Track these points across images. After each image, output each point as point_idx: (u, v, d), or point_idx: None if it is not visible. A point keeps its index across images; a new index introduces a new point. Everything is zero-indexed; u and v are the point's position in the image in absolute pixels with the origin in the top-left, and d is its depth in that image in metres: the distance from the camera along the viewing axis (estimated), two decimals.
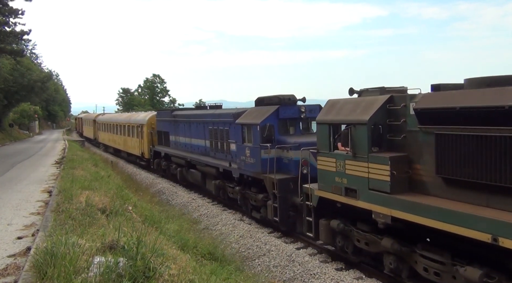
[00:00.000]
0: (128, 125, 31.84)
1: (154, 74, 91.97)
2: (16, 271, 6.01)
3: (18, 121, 63.41)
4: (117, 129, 35.62)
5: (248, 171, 14.12)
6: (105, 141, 41.96)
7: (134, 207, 12.12)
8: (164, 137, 24.37)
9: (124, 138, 33.21)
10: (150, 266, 5.14)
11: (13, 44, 42.38)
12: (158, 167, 25.41)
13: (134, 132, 29.91)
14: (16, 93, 47.18)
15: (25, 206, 11.14)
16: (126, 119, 33.50)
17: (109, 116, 44.36)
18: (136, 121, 29.84)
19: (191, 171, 20.11)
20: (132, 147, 30.96)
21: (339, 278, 9.52)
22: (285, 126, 14.07)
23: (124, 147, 33.86)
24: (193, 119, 20.34)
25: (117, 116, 40.47)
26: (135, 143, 29.89)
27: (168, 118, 23.67)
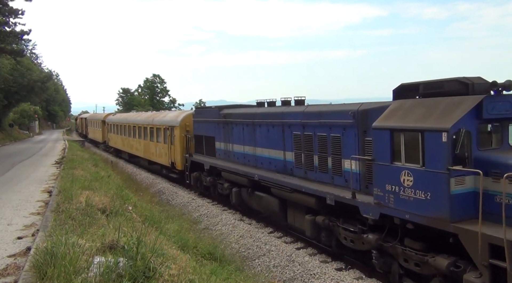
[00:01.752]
0: (151, 127, 25.87)
1: (154, 74, 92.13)
2: (16, 271, 6.01)
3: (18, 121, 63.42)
4: (135, 132, 29.78)
5: (409, 213, 8.14)
6: (118, 145, 35.90)
7: (134, 207, 12.13)
8: (206, 143, 18.48)
9: (145, 143, 27.26)
10: (150, 266, 5.14)
11: (13, 44, 42.36)
12: (197, 183, 19.53)
13: (161, 136, 24.00)
14: (16, 93, 47.17)
15: (25, 206, 11.14)
16: (147, 119, 27.52)
17: (123, 116, 37.82)
18: (163, 122, 23.88)
19: (258, 195, 14.10)
20: (157, 155, 24.82)
21: (339, 278, 9.52)
22: (487, 134, 8.26)
23: (144, 153, 27.72)
24: (261, 120, 14.21)
25: (134, 116, 33.20)
26: (162, 150, 23.77)
27: (213, 118, 17.61)
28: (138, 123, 29.44)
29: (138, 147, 29.12)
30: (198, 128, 19.44)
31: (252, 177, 14.00)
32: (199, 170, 18.98)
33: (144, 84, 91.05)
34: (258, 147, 14.39)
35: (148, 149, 26.83)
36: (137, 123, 29.75)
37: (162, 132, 23.75)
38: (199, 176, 19.04)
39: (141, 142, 28.28)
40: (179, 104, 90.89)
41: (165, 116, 24.87)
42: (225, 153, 16.74)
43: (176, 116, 22.77)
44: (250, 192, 14.53)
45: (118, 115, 40.54)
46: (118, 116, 39.74)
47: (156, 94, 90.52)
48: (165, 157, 23.20)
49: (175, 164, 21.81)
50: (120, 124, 34.88)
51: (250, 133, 14.84)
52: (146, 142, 27.04)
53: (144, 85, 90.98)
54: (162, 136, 23.81)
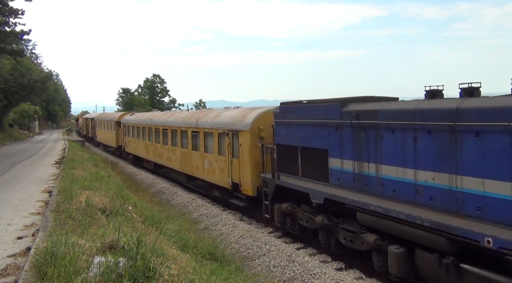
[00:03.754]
0: (195, 131, 18.91)
1: (154, 74, 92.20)
2: (16, 271, 6.01)
3: (18, 121, 63.47)
4: (166, 137, 23.12)
5: None
6: (139, 152, 29.05)
7: (134, 207, 12.14)
8: (307, 159, 11.75)
9: (184, 153, 20.41)
10: (150, 266, 5.14)
11: (13, 44, 42.43)
12: (286, 221, 12.51)
13: (213, 144, 17.08)
14: (16, 93, 47.21)
15: (25, 206, 11.15)
16: (187, 120, 20.28)
17: (145, 116, 29.89)
18: (218, 124, 16.81)
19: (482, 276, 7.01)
20: (205, 170, 17.78)
21: (339, 278, 9.51)
22: None
23: (182, 166, 20.81)
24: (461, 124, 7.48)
25: (164, 115, 26.00)
26: (215, 165, 16.82)
27: (324, 119, 10.98)
28: (171, 125, 22.29)
29: (172, 157, 22.15)
30: (287, 134, 12.42)
31: (472, 240, 6.90)
32: (291, 200, 12.17)
33: (144, 84, 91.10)
34: (459, 173, 7.56)
35: (188, 160, 19.79)
36: (169, 125, 22.70)
37: (215, 139, 16.74)
38: (292, 211, 12.09)
39: (177, 151, 21.21)
40: (179, 104, 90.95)
41: (219, 116, 17.41)
42: (358, 179, 9.90)
43: (242, 116, 15.45)
44: (451, 264, 7.40)
45: (138, 115, 32.12)
46: (138, 116, 31.66)
47: (156, 94, 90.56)
48: (222, 175, 16.21)
49: (242, 186, 14.76)
50: (142, 126, 27.96)
51: (433, 147, 8.08)
52: (186, 152, 19.98)
53: (144, 85, 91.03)
54: (215, 144, 16.77)
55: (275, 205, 12.73)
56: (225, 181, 15.93)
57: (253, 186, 14.27)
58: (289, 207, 12.21)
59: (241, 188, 14.88)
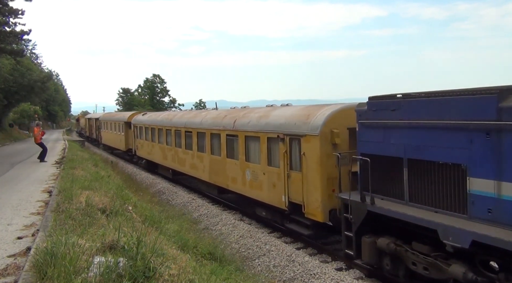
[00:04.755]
0: (232, 135, 15.49)
1: (154, 74, 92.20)
2: (16, 271, 6.01)
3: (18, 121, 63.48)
4: (191, 141, 19.55)
5: None
6: (155, 157, 25.64)
7: (134, 207, 12.13)
8: (415, 177, 8.44)
9: (215, 161, 16.95)
10: (150, 266, 5.14)
11: (13, 44, 42.40)
12: (391, 268, 9.06)
13: (258, 152, 13.82)
14: (16, 93, 47.21)
15: (25, 206, 11.14)
16: (217, 121, 16.95)
17: (162, 116, 25.89)
18: (268, 126, 13.36)
19: None
20: (247, 184, 14.47)
21: (339, 278, 9.52)
22: None
23: (212, 176, 17.39)
24: None
25: (187, 115, 21.60)
26: (264, 177, 13.40)
27: (454, 119, 7.54)
28: (197, 127, 18.68)
29: (198, 165, 18.72)
30: (383, 140, 9.16)
31: None
32: (391, 233, 9.02)
33: (144, 84, 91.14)
34: None
35: (220, 170, 16.41)
36: (194, 126, 19.03)
37: (262, 145, 13.35)
38: (397, 250, 8.70)
39: (205, 158, 17.86)
40: (179, 104, 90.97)
41: (267, 116, 13.76)
42: None
43: (305, 116, 11.93)
44: None
45: (153, 115, 28.44)
46: (152, 116, 27.98)
47: (156, 94, 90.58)
48: (273, 191, 12.77)
49: (305, 207, 11.40)
50: (158, 127, 24.48)
51: None
52: (218, 159, 16.64)
53: (144, 85, 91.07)
54: (262, 151, 13.34)
55: (365, 238, 9.31)
56: (278, 199, 12.47)
57: (323, 209, 10.77)
58: (391, 245, 8.71)
59: (304, 211, 11.36)
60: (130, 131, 31.87)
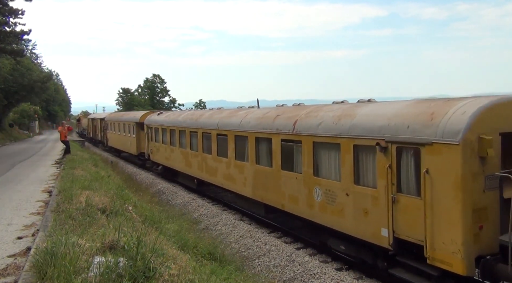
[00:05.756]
0: (290, 140, 11.94)
1: (154, 74, 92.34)
2: (16, 271, 6.01)
3: (18, 121, 63.52)
4: (224, 145, 15.90)
5: None
6: (173, 163, 22.02)
7: (134, 207, 12.13)
8: None
9: (261, 171, 13.37)
10: (150, 266, 5.14)
11: (13, 44, 42.42)
12: None
13: (336, 164, 10.21)
14: (16, 93, 47.27)
15: (25, 206, 11.14)
16: (267, 122, 13.24)
17: (183, 116, 21.65)
18: (356, 129, 9.52)
19: None
20: (321, 206, 10.64)
21: (339, 278, 9.52)
22: None
23: (257, 190, 13.69)
24: None
25: (219, 115, 17.33)
26: (349, 200, 9.70)
27: None
28: (236, 130, 14.95)
29: (235, 176, 15.08)
30: None
31: None
32: None
33: (144, 84, 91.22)
34: None
35: (270, 184, 12.83)
36: (231, 128, 15.27)
37: (345, 155, 9.79)
38: None
39: (247, 168, 14.17)
40: (179, 104, 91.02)
41: (351, 115, 10.02)
42: None
43: (428, 114, 8.21)
44: None
45: (171, 115, 24.51)
46: (171, 116, 24.05)
47: (156, 94, 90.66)
48: (364, 220, 9.28)
49: (429, 249, 7.80)
50: (180, 128, 20.83)
51: None
52: (267, 171, 13.00)
53: (144, 85, 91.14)
54: (345, 164, 9.80)
55: None
56: (374, 233, 8.95)
57: (466, 256, 7.24)
58: None
59: (427, 254, 7.79)
60: (142, 132, 28.25)
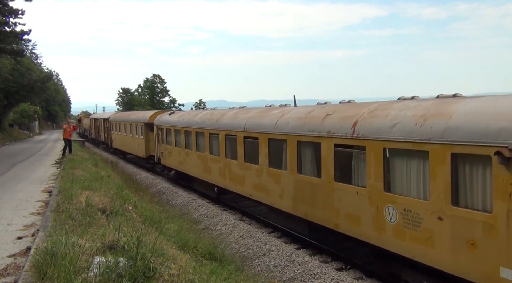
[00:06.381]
0: (353, 146, 9.45)
1: (154, 74, 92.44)
2: (16, 271, 6.01)
3: (18, 121, 63.57)
4: (253, 150, 13.76)
5: None
6: (188, 167, 20.00)
7: (134, 207, 12.14)
8: None
9: (303, 182, 11.15)
10: (150, 266, 5.14)
11: (13, 44, 42.45)
12: None
13: (425, 178, 7.74)
14: (16, 93, 47.31)
15: (25, 206, 11.15)
16: (311, 123, 10.91)
17: (201, 116, 19.23)
18: (460, 130, 7.05)
19: None
20: (410, 236, 7.94)
21: (339, 278, 9.52)
22: None
23: (299, 204, 11.33)
24: None
25: (245, 115, 15.01)
26: (443, 227, 7.28)
27: None
28: (269, 132, 12.74)
29: (269, 186, 12.80)
30: None
31: None
32: None
33: (144, 84, 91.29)
34: None
35: (319, 199, 10.54)
36: (262, 131, 13.13)
37: (436, 166, 7.45)
38: None
39: (284, 178, 11.99)
40: (179, 104, 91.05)
41: (441, 114, 7.64)
42: None
43: None
44: None
45: (185, 115, 21.85)
46: (185, 116, 21.44)
47: (156, 94, 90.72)
48: (474, 255, 6.82)
49: None
50: (197, 130, 18.64)
51: None
52: (314, 182, 10.72)
53: (144, 85, 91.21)
54: (435, 178, 7.47)
55: None
56: (487, 273, 6.73)
57: None
58: None
59: None
60: (151, 134, 26.58)
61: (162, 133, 23.74)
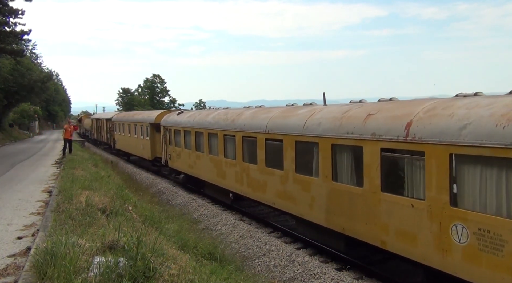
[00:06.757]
0: (412, 152, 7.84)
1: (154, 74, 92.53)
2: (16, 271, 6.01)
3: (18, 121, 63.59)
4: (278, 155, 12.22)
5: None
6: (199, 171, 18.67)
7: (134, 207, 12.13)
8: None
9: (342, 192, 9.67)
10: (150, 266, 5.14)
11: (13, 44, 42.48)
12: None
13: None
14: (16, 93, 47.35)
15: (25, 206, 11.15)
16: (353, 124, 9.36)
17: (214, 115, 17.73)
18: None
19: None
20: None
21: (339, 278, 9.51)
22: None
23: (333, 217, 10.02)
24: None
25: (270, 115, 13.31)
26: None
27: None
28: (297, 134, 11.38)
29: (296, 194, 11.53)
30: None
31: None
32: None
33: (144, 84, 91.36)
34: None
35: (359, 209, 9.15)
36: (288, 132, 11.78)
37: None
38: None
39: (315, 185, 10.68)
40: (179, 104, 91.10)
41: None
42: None
43: None
44: None
45: (195, 114, 20.28)
46: (196, 115, 19.90)
47: (156, 94, 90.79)
48: None
49: None
50: (209, 131, 17.26)
51: None
52: (355, 192, 9.29)
53: (144, 85, 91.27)
54: None
55: None
56: None
57: None
58: None
59: None
60: (157, 135, 25.40)
61: (170, 134, 22.49)
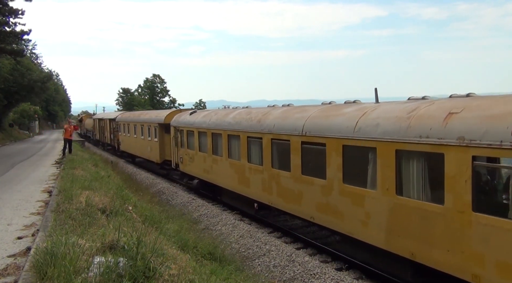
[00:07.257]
0: None
1: (154, 74, 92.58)
2: (16, 271, 6.01)
3: (18, 121, 63.60)
4: (320, 162, 10.41)
5: None
6: (218, 178, 16.95)
7: (134, 207, 12.13)
8: None
9: (417, 209, 7.73)
10: (150, 266, 5.14)
11: (13, 44, 42.48)
12: None
13: None
14: (16, 93, 47.36)
15: (25, 206, 11.15)
16: (431, 124, 7.48)
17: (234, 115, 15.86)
18: None
19: None
20: None
21: (339, 278, 9.51)
22: None
23: (396, 239, 8.26)
24: None
25: (307, 114, 11.48)
26: None
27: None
28: (345, 137, 9.58)
29: (338, 206, 9.95)
30: None
31: None
32: None
33: (144, 84, 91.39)
34: None
35: (437, 231, 7.34)
36: (333, 135, 10.00)
37: None
38: None
39: (372, 199, 8.86)
40: (179, 104, 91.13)
41: None
42: None
43: None
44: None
45: (212, 114, 18.30)
46: (212, 115, 17.96)
47: (156, 94, 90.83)
48: None
49: None
50: (229, 133, 15.61)
51: None
52: (430, 210, 7.49)
53: (144, 85, 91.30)
54: None
55: None
56: None
57: None
58: None
59: None
60: (167, 136, 23.64)
61: (181, 136, 20.55)
